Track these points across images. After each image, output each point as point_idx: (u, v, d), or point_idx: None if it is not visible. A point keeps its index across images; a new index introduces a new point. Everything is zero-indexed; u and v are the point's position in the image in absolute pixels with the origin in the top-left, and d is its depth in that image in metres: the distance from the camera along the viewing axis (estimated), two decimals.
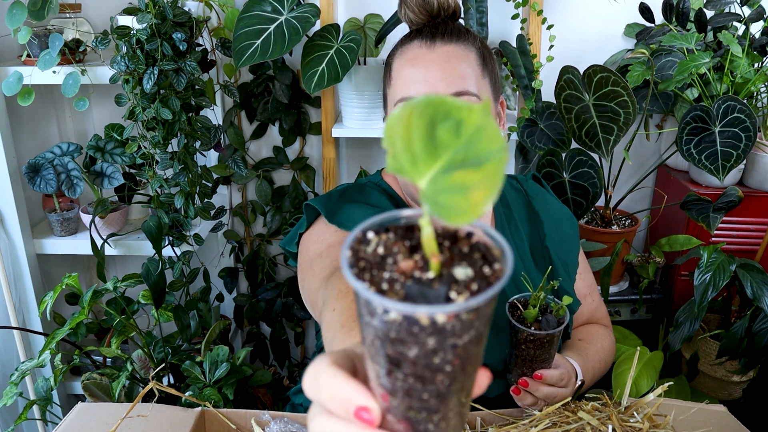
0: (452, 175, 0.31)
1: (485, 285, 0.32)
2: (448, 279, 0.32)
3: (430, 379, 0.33)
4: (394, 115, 0.31)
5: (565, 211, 1.24)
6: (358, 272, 0.33)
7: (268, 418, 0.99)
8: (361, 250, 0.35)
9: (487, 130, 0.30)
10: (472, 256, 0.34)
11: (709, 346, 1.73)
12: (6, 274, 1.70)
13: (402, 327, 0.31)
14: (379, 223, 0.36)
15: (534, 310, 0.92)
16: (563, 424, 0.94)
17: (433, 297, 0.31)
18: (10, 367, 1.81)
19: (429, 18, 1.01)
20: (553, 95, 1.66)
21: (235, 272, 2.13)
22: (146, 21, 1.46)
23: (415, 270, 0.33)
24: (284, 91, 1.89)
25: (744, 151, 1.50)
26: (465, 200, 0.30)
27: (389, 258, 0.34)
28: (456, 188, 0.31)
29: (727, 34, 1.60)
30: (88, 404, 1.02)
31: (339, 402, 0.35)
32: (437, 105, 0.31)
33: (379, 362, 0.34)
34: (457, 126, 0.31)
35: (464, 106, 0.30)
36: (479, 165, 0.30)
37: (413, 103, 0.31)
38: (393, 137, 0.31)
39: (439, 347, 0.32)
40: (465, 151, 0.31)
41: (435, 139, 0.31)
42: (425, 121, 0.31)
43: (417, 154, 0.31)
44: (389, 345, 0.32)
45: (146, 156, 1.60)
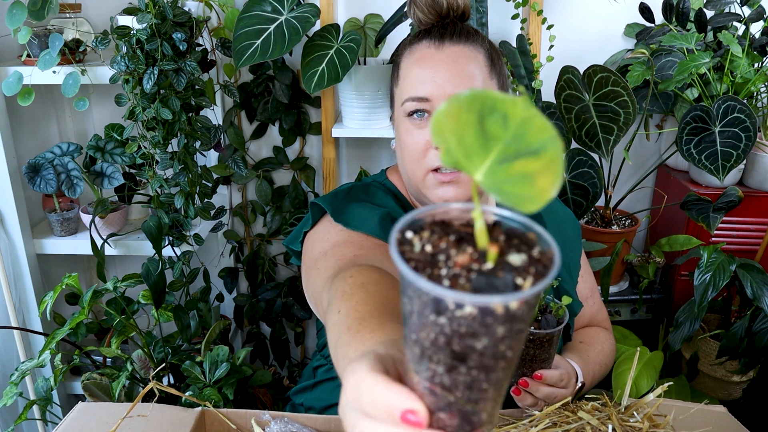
0: (512, 165, 0.32)
1: (541, 267, 0.33)
2: (508, 267, 0.33)
3: (492, 368, 0.33)
4: (441, 111, 0.32)
5: (568, 214, 1.24)
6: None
7: (268, 418, 0.99)
8: (407, 251, 0.35)
9: (534, 121, 0.31)
10: (513, 242, 0.34)
11: (709, 346, 1.73)
12: (6, 274, 1.70)
13: (476, 320, 0.32)
14: (411, 221, 0.36)
15: (534, 309, 0.92)
16: (563, 423, 0.94)
17: (502, 285, 0.32)
18: (10, 367, 1.81)
19: (438, 18, 1.01)
20: (553, 95, 1.66)
21: (235, 272, 2.13)
22: (146, 21, 1.45)
23: (473, 263, 0.33)
24: (284, 91, 1.89)
25: (744, 151, 1.51)
26: (532, 187, 0.31)
27: (440, 255, 0.34)
28: (520, 177, 0.32)
29: (727, 34, 1.60)
30: (88, 404, 1.02)
31: (381, 408, 0.35)
32: (484, 99, 0.32)
33: (439, 360, 0.34)
34: (504, 119, 0.31)
35: (508, 99, 0.31)
36: (536, 153, 0.31)
37: (460, 99, 0.32)
38: (444, 133, 0.32)
39: (507, 334, 0.32)
40: (516, 143, 0.31)
41: (486, 133, 0.32)
42: (474, 116, 0.32)
43: (470, 148, 0.32)
44: (457, 340, 0.32)
45: (146, 156, 1.60)
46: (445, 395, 0.35)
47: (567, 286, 1.16)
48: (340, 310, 0.68)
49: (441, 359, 0.34)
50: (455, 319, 0.32)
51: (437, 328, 0.33)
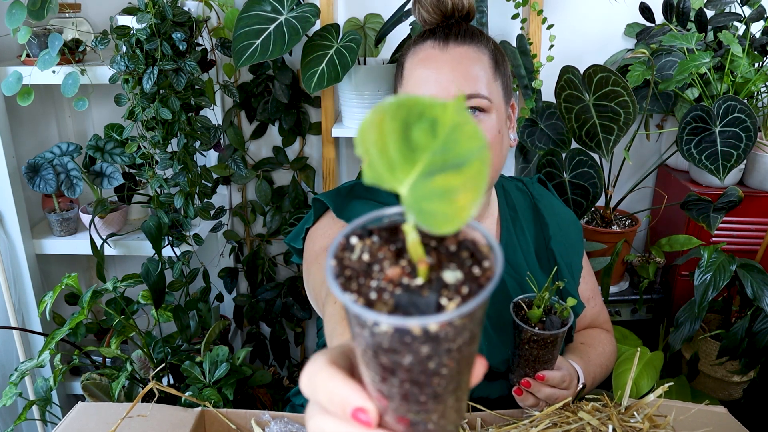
0: (433, 180, 0.29)
1: (476, 287, 0.31)
2: (438, 284, 0.31)
3: (426, 383, 0.32)
4: (366, 120, 0.29)
5: (570, 215, 1.24)
6: (345, 282, 0.32)
7: (268, 419, 0.99)
8: (346, 258, 0.34)
9: (464, 128, 0.29)
10: (460, 255, 0.33)
11: (709, 347, 1.73)
12: (5, 274, 1.70)
13: (394, 338, 0.30)
14: (362, 225, 0.35)
15: (538, 311, 0.92)
16: (563, 424, 0.94)
17: (424, 305, 0.30)
18: (9, 367, 1.80)
19: (443, 18, 1.00)
20: (553, 95, 1.66)
21: (235, 272, 2.13)
22: (146, 21, 1.45)
23: (403, 277, 0.32)
24: (284, 91, 1.89)
25: (744, 151, 1.50)
26: (450, 205, 0.29)
27: (375, 265, 0.33)
28: (439, 193, 0.29)
29: (728, 33, 1.60)
30: (87, 404, 1.01)
31: (336, 403, 0.35)
32: (410, 105, 0.29)
33: (373, 369, 0.33)
34: (432, 125, 0.29)
35: (437, 103, 0.29)
36: (460, 167, 0.29)
37: (384, 106, 0.29)
38: (367, 144, 0.30)
39: (433, 353, 0.31)
40: (444, 152, 0.29)
41: (411, 142, 0.29)
42: (399, 124, 0.29)
43: (394, 160, 0.29)
44: (382, 354, 0.32)
45: (146, 156, 1.60)
46: (388, 402, 0.34)
47: (569, 287, 1.16)
48: (336, 301, 0.68)
49: (374, 368, 0.33)
50: (375, 334, 0.31)
51: (363, 340, 0.32)
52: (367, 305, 0.31)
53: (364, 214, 0.36)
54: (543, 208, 1.20)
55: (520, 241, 1.15)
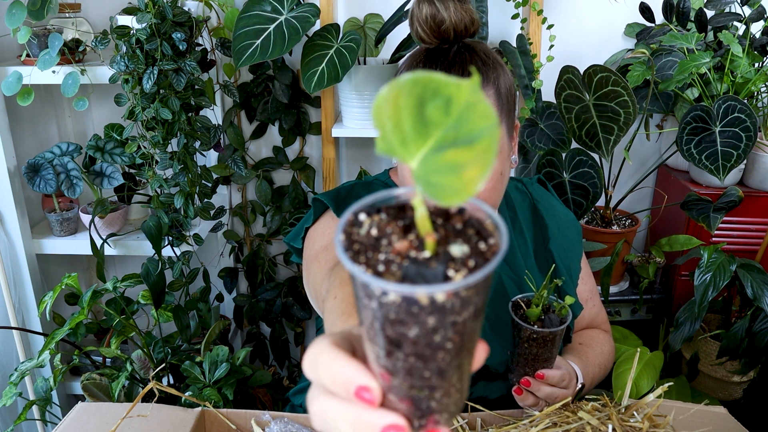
0: (444, 155, 0.30)
1: (482, 261, 0.32)
2: (445, 257, 0.32)
3: (431, 357, 0.33)
4: (382, 95, 0.30)
5: (570, 216, 1.24)
6: (353, 255, 0.33)
7: (268, 419, 0.99)
8: (355, 233, 0.34)
9: (477, 107, 0.30)
10: (467, 233, 0.34)
11: (709, 347, 1.73)
12: (6, 274, 1.70)
13: (401, 308, 0.31)
14: (371, 203, 0.36)
15: (537, 309, 0.92)
16: (563, 423, 0.94)
17: (431, 276, 0.31)
18: (9, 367, 1.80)
19: (441, 40, 0.93)
20: (553, 95, 1.66)
21: (235, 272, 2.13)
22: (146, 21, 1.45)
23: (411, 250, 0.32)
24: (284, 91, 1.89)
25: (744, 151, 1.50)
26: (458, 179, 0.30)
27: (383, 239, 0.33)
28: (449, 167, 0.30)
29: (728, 33, 1.60)
30: (87, 404, 1.01)
31: (340, 382, 0.35)
32: (425, 83, 0.30)
33: (378, 343, 0.34)
34: (446, 103, 0.30)
35: (452, 83, 0.30)
36: (471, 143, 0.30)
37: (401, 82, 0.30)
38: (382, 118, 0.31)
39: (439, 325, 0.32)
40: (456, 129, 0.30)
41: (425, 118, 0.30)
42: (414, 100, 0.30)
43: (407, 134, 0.31)
44: (389, 326, 0.32)
45: (146, 156, 1.60)
46: (392, 378, 0.35)
47: (567, 288, 1.16)
48: (336, 296, 0.68)
49: (379, 343, 0.34)
50: (383, 305, 0.32)
51: (370, 311, 0.33)
52: (376, 276, 0.31)
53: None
54: (542, 209, 1.19)
55: (519, 242, 1.15)
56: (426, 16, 0.90)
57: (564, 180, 1.64)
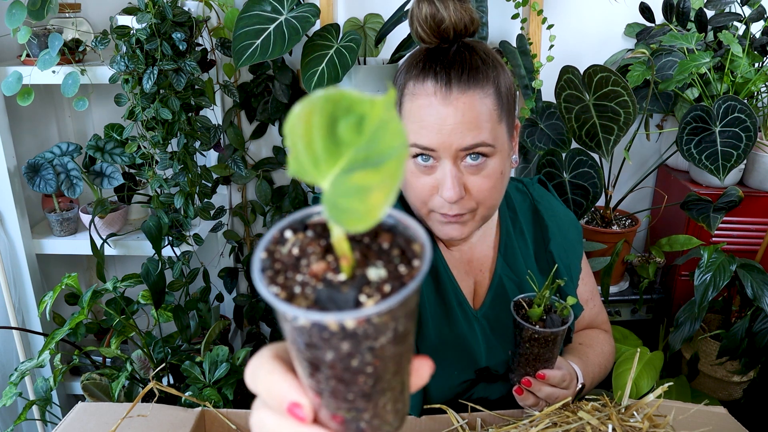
0: (352, 177, 0.29)
1: (398, 285, 0.31)
2: (360, 281, 0.31)
3: (351, 381, 0.32)
4: (295, 113, 0.29)
5: (570, 216, 1.23)
6: (273, 274, 0.32)
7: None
8: (277, 251, 0.33)
9: (389, 125, 0.28)
10: (390, 253, 0.33)
11: (709, 347, 1.73)
12: (6, 274, 1.70)
13: (313, 333, 0.30)
14: (300, 219, 0.35)
15: (539, 309, 0.92)
16: (563, 423, 0.94)
17: (342, 301, 0.30)
18: (9, 367, 1.80)
19: (440, 40, 0.93)
20: (553, 95, 1.66)
21: (235, 272, 2.13)
22: (146, 21, 1.45)
23: (327, 272, 0.32)
24: (284, 90, 1.89)
25: (744, 151, 1.50)
26: (363, 203, 0.29)
27: (303, 259, 0.33)
28: (354, 190, 0.29)
29: (728, 33, 1.60)
30: (87, 404, 1.01)
31: (274, 397, 0.36)
32: (338, 100, 0.29)
33: (300, 364, 0.33)
34: (359, 121, 0.29)
35: (366, 100, 0.29)
36: (379, 165, 0.28)
37: (313, 99, 0.29)
38: (294, 137, 0.29)
39: (354, 351, 0.31)
40: (367, 149, 0.29)
41: (336, 137, 0.29)
42: (326, 118, 0.29)
43: (318, 154, 0.29)
44: (305, 349, 0.32)
45: (146, 156, 1.60)
46: (319, 398, 0.34)
47: (568, 289, 1.16)
48: None
49: (301, 363, 0.33)
50: (296, 329, 0.31)
51: (288, 334, 0.32)
52: (290, 299, 0.31)
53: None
54: (543, 209, 1.19)
55: (520, 243, 1.15)
56: (426, 15, 0.90)
57: (564, 180, 1.64)
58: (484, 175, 0.93)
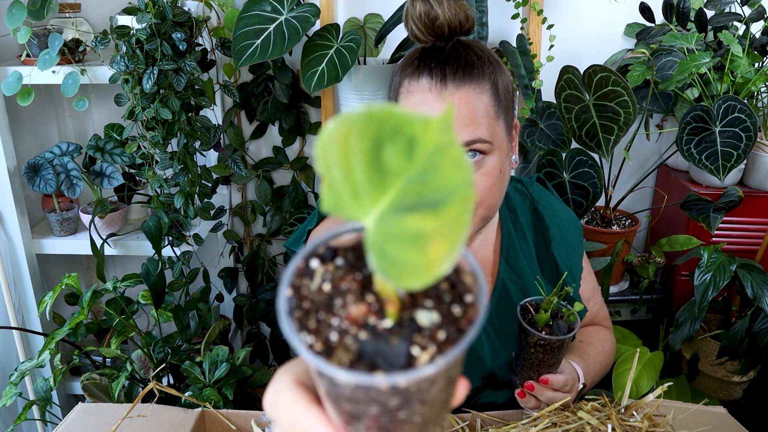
0: (405, 219, 0.24)
1: (454, 333, 0.27)
2: (410, 328, 0.27)
3: (397, 430, 0.29)
4: (328, 132, 0.24)
5: (570, 215, 1.23)
6: (302, 316, 0.28)
7: (268, 419, 0.99)
8: (305, 287, 0.29)
9: (448, 151, 0.24)
10: (439, 286, 0.28)
11: (709, 347, 1.73)
12: (6, 274, 1.70)
13: (357, 390, 0.26)
14: (326, 242, 0.30)
15: (546, 315, 0.91)
16: (563, 423, 0.94)
17: (392, 356, 0.26)
18: (9, 367, 1.81)
19: (436, 38, 0.93)
20: (553, 95, 1.66)
21: (235, 272, 2.13)
22: (146, 21, 1.45)
23: (370, 316, 0.27)
24: (284, 91, 1.89)
25: (744, 151, 1.50)
26: (419, 255, 0.24)
27: (338, 298, 0.28)
28: (410, 237, 0.24)
29: (728, 33, 1.60)
30: (88, 404, 1.02)
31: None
32: (383, 119, 0.24)
33: (335, 412, 0.29)
34: (409, 146, 0.24)
35: (417, 119, 0.24)
36: (437, 206, 0.24)
37: (352, 118, 0.24)
38: (328, 162, 0.24)
39: (403, 404, 0.27)
40: (421, 181, 0.24)
41: (382, 165, 0.24)
42: (368, 142, 0.24)
43: (359, 185, 0.24)
44: (345, 402, 0.28)
45: (146, 156, 1.60)
46: None
47: (571, 295, 1.15)
48: None
49: (337, 411, 0.29)
50: (336, 385, 0.27)
51: (323, 385, 0.28)
52: (327, 350, 0.26)
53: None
54: (543, 210, 1.19)
55: (521, 245, 1.14)
56: (420, 13, 0.90)
57: (564, 180, 1.65)
58: (482, 173, 0.92)
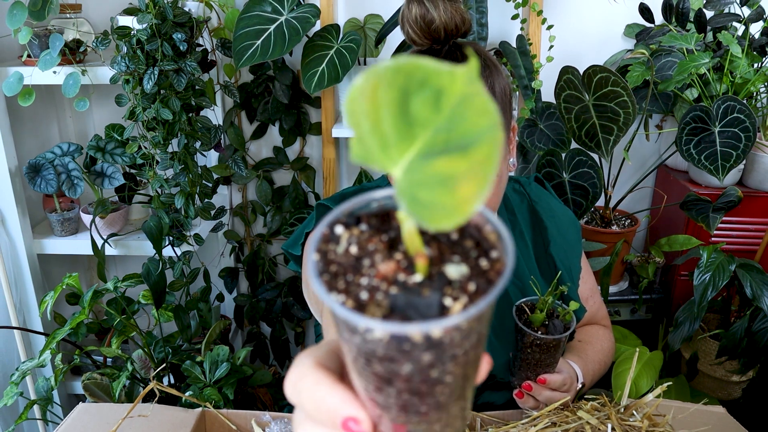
0: (433, 163, 0.25)
1: (484, 283, 0.27)
2: (440, 281, 0.27)
3: (428, 393, 0.29)
4: (356, 87, 0.25)
5: (569, 215, 1.23)
6: (330, 279, 0.28)
7: (268, 419, 0.99)
8: (331, 251, 0.29)
9: (474, 100, 0.24)
10: (464, 245, 0.29)
11: (708, 346, 1.73)
12: (7, 274, 1.70)
13: (391, 345, 0.26)
14: (349, 212, 0.31)
15: (541, 315, 0.92)
16: (563, 423, 0.95)
17: (424, 307, 0.26)
18: (10, 366, 1.81)
19: (432, 41, 0.92)
20: (552, 95, 1.66)
21: (236, 272, 2.13)
22: (146, 21, 1.46)
23: (399, 273, 0.27)
24: (284, 91, 1.90)
25: (743, 152, 1.51)
26: (450, 196, 0.24)
27: (365, 259, 0.28)
28: (439, 180, 0.24)
29: (727, 34, 1.60)
30: (88, 404, 1.02)
31: (324, 412, 0.32)
32: (410, 71, 0.24)
33: (366, 378, 0.29)
34: (436, 96, 0.24)
35: (444, 70, 0.25)
36: (466, 148, 0.24)
37: (379, 71, 0.25)
38: (357, 116, 0.25)
39: (436, 361, 0.27)
40: (448, 130, 0.24)
41: (409, 116, 0.25)
42: (396, 93, 0.25)
43: (388, 136, 0.25)
44: (376, 363, 0.28)
45: (147, 156, 1.61)
46: (384, 412, 0.30)
47: (570, 291, 1.16)
48: None
49: (367, 377, 0.29)
50: (368, 341, 0.27)
51: (354, 347, 0.28)
52: (358, 308, 0.27)
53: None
54: (541, 210, 1.19)
55: (520, 245, 1.14)
56: (416, 16, 0.89)
57: (564, 180, 1.65)
58: None
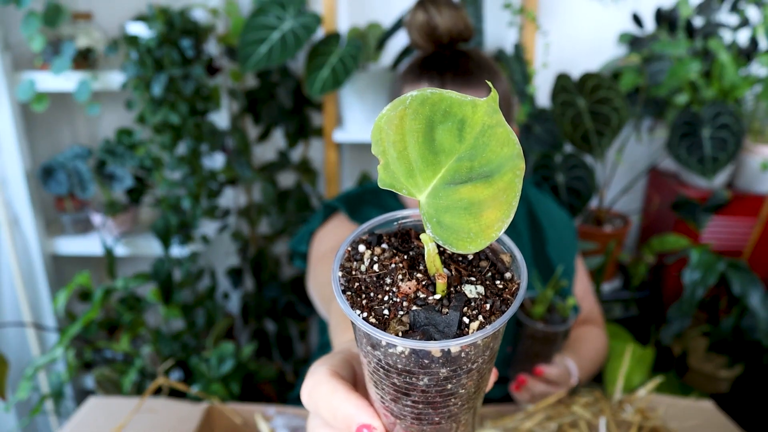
0: (459, 190, 0.25)
1: (500, 303, 0.28)
2: (459, 300, 0.28)
3: (442, 404, 0.30)
4: (384, 116, 0.26)
5: (565, 216, 1.25)
6: (353, 295, 0.29)
7: (273, 413, 1.01)
8: (354, 269, 0.30)
9: (496, 131, 0.25)
10: (479, 265, 0.30)
11: (698, 343, 1.76)
12: (21, 273, 1.75)
13: (410, 360, 0.28)
14: (370, 230, 0.32)
15: (541, 308, 0.94)
16: (557, 417, 0.98)
17: (444, 324, 0.27)
18: (24, 362, 1.85)
19: (436, 45, 0.95)
20: (548, 101, 1.70)
21: (241, 271, 2.16)
22: (155, 29, 1.50)
23: (419, 291, 0.29)
24: (288, 96, 1.93)
25: (731, 154, 1.55)
26: (475, 221, 0.25)
27: (387, 277, 0.29)
28: (464, 206, 0.25)
29: (716, 41, 1.64)
30: (99, 399, 1.03)
31: (340, 419, 0.33)
32: (435, 102, 0.25)
33: (384, 389, 0.31)
34: (459, 126, 0.25)
35: (467, 101, 0.25)
36: (489, 177, 0.25)
37: (406, 101, 0.26)
38: (384, 144, 0.26)
39: (452, 374, 0.28)
40: (471, 158, 0.25)
41: (434, 144, 0.26)
42: (421, 123, 0.26)
43: (414, 163, 0.26)
44: (396, 376, 0.29)
45: (155, 159, 1.64)
46: (398, 422, 0.32)
47: (566, 290, 1.18)
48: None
49: (385, 388, 0.30)
50: (389, 355, 0.28)
51: (374, 359, 0.29)
52: (380, 323, 0.28)
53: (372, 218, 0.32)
54: (539, 212, 1.21)
55: (518, 245, 1.16)
56: (420, 22, 0.92)
57: (558, 182, 1.69)
58: None
